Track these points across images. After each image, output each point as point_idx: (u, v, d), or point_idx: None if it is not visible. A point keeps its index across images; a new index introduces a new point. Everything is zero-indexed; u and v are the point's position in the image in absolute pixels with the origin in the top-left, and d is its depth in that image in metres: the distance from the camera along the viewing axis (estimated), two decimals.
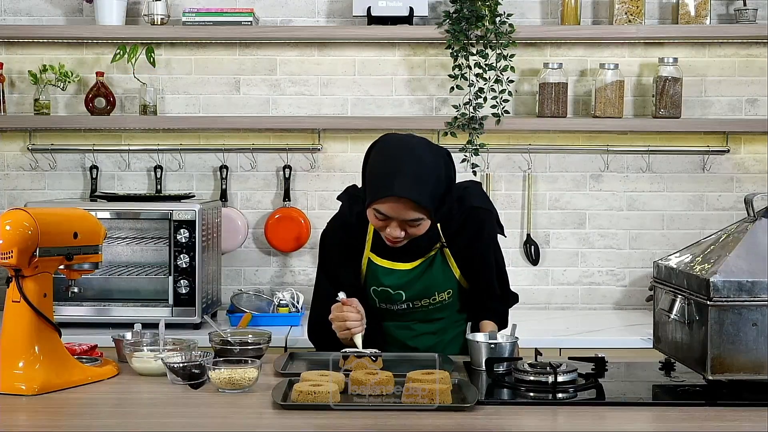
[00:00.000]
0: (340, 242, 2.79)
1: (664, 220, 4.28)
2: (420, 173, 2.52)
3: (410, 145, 2.60)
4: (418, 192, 2.51)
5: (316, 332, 2.83)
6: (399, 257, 2.73)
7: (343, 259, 2.78)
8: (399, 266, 2.73)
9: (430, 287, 2.75)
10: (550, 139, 4.25)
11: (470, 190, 2.79)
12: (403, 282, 2.74)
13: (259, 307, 4.04)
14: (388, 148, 2.60)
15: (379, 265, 2.75)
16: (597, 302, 4.29)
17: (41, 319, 2.32)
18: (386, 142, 2.63)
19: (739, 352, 2.23)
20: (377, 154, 2.60)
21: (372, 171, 2.59)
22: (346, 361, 2.42)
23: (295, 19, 4.24)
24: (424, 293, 2.75)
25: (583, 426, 2.07)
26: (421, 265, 2.73)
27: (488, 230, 2.76)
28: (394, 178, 2.51)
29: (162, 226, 3.77)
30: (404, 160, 2.54)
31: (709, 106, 4.25)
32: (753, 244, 2.29)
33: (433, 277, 2.74)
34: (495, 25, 4.03)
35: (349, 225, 2.76)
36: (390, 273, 2.74)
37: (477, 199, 2.76)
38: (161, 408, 2.21)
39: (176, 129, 4.22)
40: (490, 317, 2.79)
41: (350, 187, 2.85)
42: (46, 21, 4.22)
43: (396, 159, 2.55)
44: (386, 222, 2.58)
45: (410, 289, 2.74)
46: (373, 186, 2.57)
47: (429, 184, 2.53)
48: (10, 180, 4.27)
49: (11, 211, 2.32)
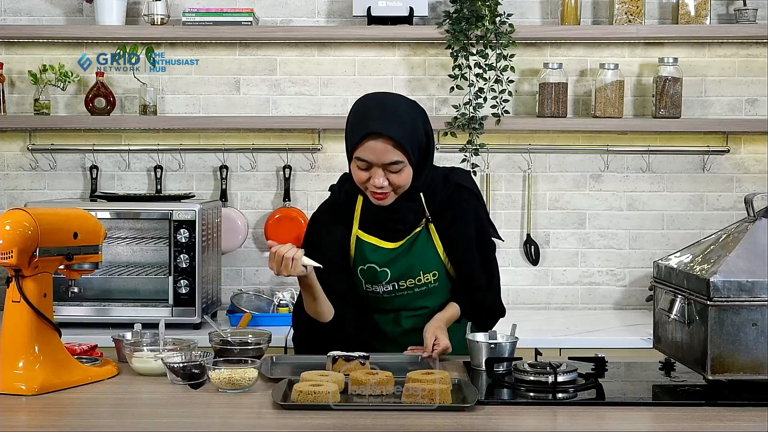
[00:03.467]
0: (329, 222, 2.81)
1: (664, 220, 4.29)
2: (396, 115, 2.61)
3: (386, 96, 2.73)
4: (395, 130, 2.57)
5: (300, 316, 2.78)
6: (386, 235, 2.75)
7: (330, 239, 2.79)
8: (385, 244, 2.75)
9: (415, 265, 2.75)
10: (550, 139, 4.25)
11: (457, 171, 2.85)
12: (388, 259, 2.74)
13: (259, 307, 4.04)
14: (365, 100, 2.70)
15: (366, 241, 2.76)
16: (597, 302, 4.29)
17: (41, 319, 2.32)
18: (363, 98, 2.72)
19: (739, 352, 2.23)
20: (355, 108, 2.69)
21: (350, 122, 2.67)
22: (335, 365, 2.40)
23: (295, 19, 4.24)
24: (409, 273, 2.75)
25: (583, 426, 2.07)
26: (406, 243, 2.75)
27: (473, 211, 2.78)
28: (370, 120, 2.59)
29: (162, 226, 3.78)
30: (381, 107, 2.63)
31: (709, 106, 4.25)
32: (753, 244, 2.29)
33: (418, 255, 2.75)
34: (495, 25, 4.03)
35: (338, 204, 2.80)
36: (376, 250, 2.75)
37: (463, 179, 2.82)
38: (161, 408, 2.21)
39: (176, 129, 4.23)
40: (477, 310, 2.80)
41: (342, 175, 2.88)
42: (46, 21, 4.23)
43: (373, 107, 2.64)
44: (368, 173, 2.62)
45: (395, 266, 2.74)
46: (352, 134, 2.64)
47: (406, 125, 2.61)
48: (10, 180, 4.27)
49: (11, 211, 2.32)
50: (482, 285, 2.81)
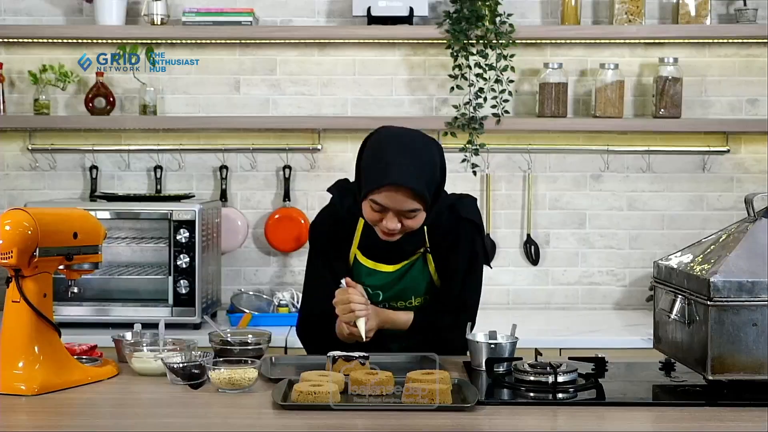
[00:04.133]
0: (330, 234, 2.77)
1: (664, 220, 4.28)
2: (417, 162, 2.52)
3: (405, 136, 2.59)
4: (416, 179, 2.50)
5: (307, 326, 2.80)
6: (383, 258, 2.72)
7: (333, 252, 2.77)
8: (382, 268, 2.73)
9: (408, 290, 2.74)
10: (550, 139, 4.25)
11: (465, 201, 2.77)
12: (382, 283, 2.74)
13: (259, 307, 4.04)
14: (384, 138, 2.59)
15: (363, 264, 2.74)
16: (597, 302, 4.29)
17: (41, 319, 2.32)
18: (381, 134, 2.61)
19: (739, 352, 2.23)
20: (373, 145, 2.59)
21: (368, 162, 2.58)
22: (335, 365, 2.40)
23: (295, 19, 4.24)
24: (401, 295, 2.75)
25: (583, 426, 2.07)
26: (402, 268, 2.73)
27: (470, 242, 2.72)
28: (391, 167, 2.50)
29: (162, 226, 3.77)
30: (401, 150, 2.53)
31: (710, 106, 4.25)
32: (753, 244, 2.29)
33: (413, 279, 2.74)
34: (495, 25, 4.03)
35: (340, 219, 2.75)
36: (372, 274, 2.74)
37: (469, 212, 2.74)
38: (161, 408, 2.20)
39: (176, 129, 4.23)
40: (431, 328, 2.71)
41: (341, 181, 2.83)
42: (46, 21, 4.22)
43: (392, 148, 2.54)
44: (382, 214, 2.56)
45: (389, 290, 2.74)
46: (370, 176, 2.55)
47: (426, 172, 2.53)
48: (10, 180, 4.27)
49: (11, 211, 2.32)
50: (446, 306, 2.73)
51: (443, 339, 2.67)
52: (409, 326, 2.72)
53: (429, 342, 2.65)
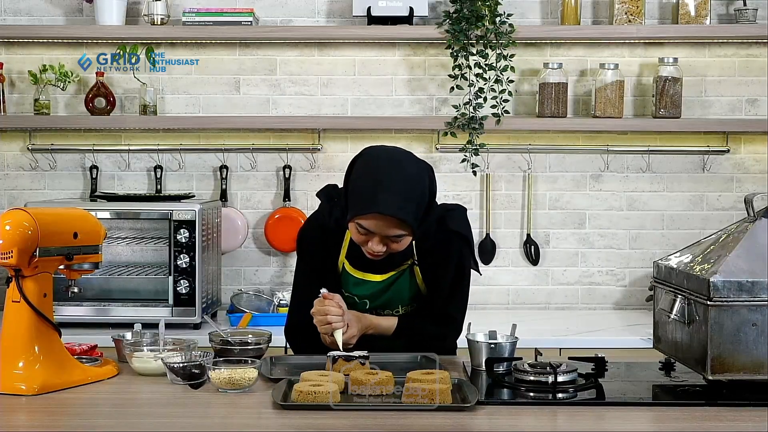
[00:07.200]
0: (318, 243, 2.77)
1: (664, 220, 4.29)
2: (405, 190, 2.51)
3: (395, 160, 2.57)
4: (404, 210, 2.49)
5: (294, 334, 2.81)
6: (371, 268, 2.72)
7: (321, 260, 2.77)
8: (369, 277, 2.73)
9: (395, 300, 2.75)
10: (550, 139, 4.25)
11: (454, 213, 2.75)
12: (369, 293, 2.75)
13: (259, 307, 4.04)
14: (373, 161, 2.57)
15: (350, 274, 2.75)
16: (597, 302, 4.29)
17: (41, 319, 2.32)
18: (371, 155, 2.59)
19: (739, 352, 2.23)
20: (362, 166, 2.57)
21: (356, 184, 2.57)
22: (335, 365, 2.40)
23: (295, 19, 4.24)
24: (388, 305, 2.76)
25: (583, 426, 2.07)
26: (390, 278, 2.73)
27: (457, 254, 2.72)
28: (379, 194, 2.49)
29: (162, 226, 3.78)
30: (390, 176, 2.51)
31: (709, 106, 4.25)
32: (753, 244, 2.29)
33: (400, 290, 2.74)
34: (495, 25, 4.03)
35: (327, 228, 2.74)
36: (360, 284, 2.74)
37: (457, 224, 2.72)
38: (161, 408, 2.21)
39: (176, 129, 4.23)
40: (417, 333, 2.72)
41: (330, 187, 2.81)
42: (46, 21, 4.22)
43: (381, 174, 2.52)
44: (368, 237, 2.56)
45: (376, 300, 2.75)
46: (357, 200, 2.54)
47: (413, 201, 2.52)
48: (10, 180, 4.27)
49: (11, 211, 2.32)
50: (429, 316, 2.74)
51: (425, 346, 2.65)
52: (392, 332, 2.73)
53: (413, 345, 2.67)
